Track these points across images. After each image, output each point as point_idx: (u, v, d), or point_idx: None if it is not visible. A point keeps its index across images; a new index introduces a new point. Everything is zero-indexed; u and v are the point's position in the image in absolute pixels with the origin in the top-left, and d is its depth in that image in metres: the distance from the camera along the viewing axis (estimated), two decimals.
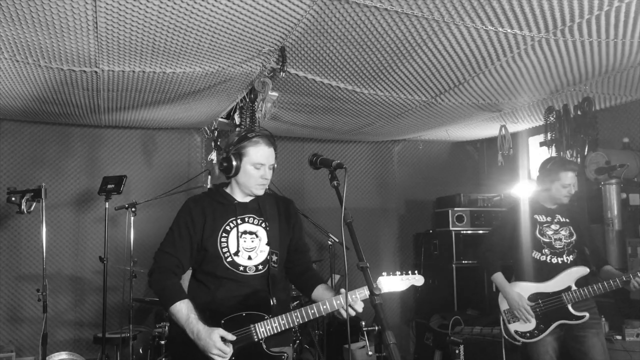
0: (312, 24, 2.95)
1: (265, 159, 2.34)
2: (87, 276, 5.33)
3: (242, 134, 2.38)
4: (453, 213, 5.65)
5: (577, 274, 3.31)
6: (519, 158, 5.61)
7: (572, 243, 3.40)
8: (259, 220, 2.42)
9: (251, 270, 2.34)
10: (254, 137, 2.34)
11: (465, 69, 3.61)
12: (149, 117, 5.07)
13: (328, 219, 5.79)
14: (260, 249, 2.38)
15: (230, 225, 2.38)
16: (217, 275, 2.33)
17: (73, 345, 5.16)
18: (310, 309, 2.27)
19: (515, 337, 3.36)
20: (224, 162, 2.35)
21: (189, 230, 2.35)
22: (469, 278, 5.53)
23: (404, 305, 6.36)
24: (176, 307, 2.23)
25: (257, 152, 2.32)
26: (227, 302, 2.30)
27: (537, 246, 3.39)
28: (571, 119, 4.28)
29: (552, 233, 3.39)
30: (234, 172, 2.34)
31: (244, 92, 4.25)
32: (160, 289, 2.31)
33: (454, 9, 2.72)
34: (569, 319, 3.27)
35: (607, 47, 3.24)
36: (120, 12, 2.71)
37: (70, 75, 3.67)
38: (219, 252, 2.33)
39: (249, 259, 2.36)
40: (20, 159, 5.21)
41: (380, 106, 4.56)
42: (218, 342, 2.15)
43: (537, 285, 3.36)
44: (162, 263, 2.34)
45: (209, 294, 2.33)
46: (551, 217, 3.45)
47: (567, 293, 3.27)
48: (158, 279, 2.32)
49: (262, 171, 2.34)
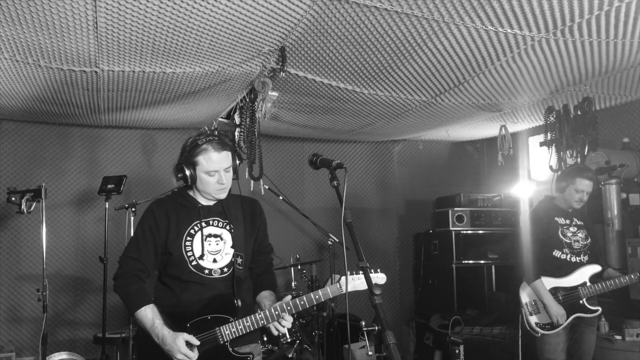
0: (312, 24, 2.95)
1: (218, 165, 2.28)
2: (87, 276, 5.33)
3: (189, 141, 2.33)
4: (453, 213, 5.65)
5: (591, 271, 3.58)
6: (519, 158, 5.61)
7: (587, 245, 3.66)
8: (223, 223, 2.41)
9: (216, 273, 2.34)
10: (202, 145, 2.27)
11: (465, 69, 3.61)
12: (149, 117, 5.07)
13: (328, 219, 5.80)
14: (225, 252, 2.37)
15: (195, 228, 2.36)
16: (182, 278, 2.33)
17: (73, 345, 5.16)
18: (269, 312, 2.27)
19: (536, 328, 3.54)
20: (177, 172, 2.32)
21: (152, 234, 2.34)
22: (469, 278, 5.53)
23: (404, 305, 6.36)
24: (141, 312, 2.24)
25: (206, 160, 2.27)
26: (193, 305, 2.30)
27: (559, 245, 3.61)
28: (571, 119, 4.28)
29: (571, 235, 3.64)
30: (190, 181, 2.31)
31: (244, 92, 4.24)
32: (125, 294, 2.30)
33: (454, 9, 2.72)
34: (585, 312, 3.53)
35: (607, 47, 3.24)
36: (120, 12, 2.71)
37: (70, 75, 3.67)
38: (184, 255, 2.32)
39: (214, 261, 2.35)
40: (20, 159, 5.21)
41: (380, 106, 4.56)
42: (182, 347, 2.17)
43: (556, 280, 3.57)
44: (127, 268, 2.33)
45: (174, 297, 2.33)
46: (570, 220, 3.69)
47: (583, 288, 3.53)
48: (122, 284, 2.31)
49: (217, 177, 2.30)
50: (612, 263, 4.10)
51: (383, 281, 2.39)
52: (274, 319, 2.27)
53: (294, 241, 5.95)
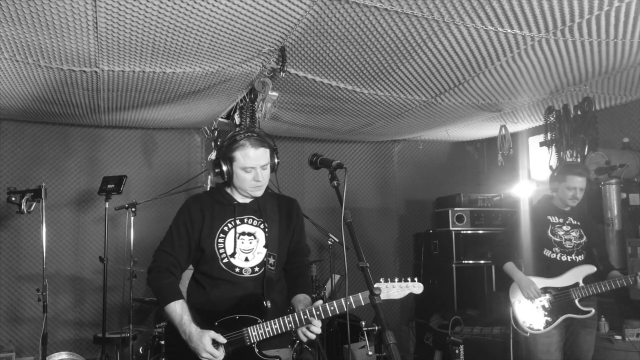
0: (312, 24, 2.95)
1: (255, 161, 2.27)
2: (87, 276, 5.33)
3: (228, 137, 2.32)
4: (453, 213, 5.65)
5: (585, 272, 3.48)
6: (519, 158, 5.61)
7: (581, 244, 3.57)
8: (258, 222, 2.38)
9: (247, 272, 2.32)
10: (240, 140, 2.27)
11: (465, 69, 3.61)
12: (149, 117, 5.07)
13: (328, 219, 5.80)
14: (257, 251, 2.34)
15: (229, 225, 2.34)
16: (213, 276, 2.31)
17: (73, 345, 5.16)
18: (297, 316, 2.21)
19: (524, 328, 3.48)
20: (215, 167, 2.33)
21: (187, 230, 2.33)
22: (469, 278, 5.53)
23: (404, 305, 6.36)
24: (170, 307, 2.23)
25: (244, 156, 2.26)
26: (222, 303, 2.28)
27: (548, 244, 3.55)
28: (571, 119, 4.28)
29: (563, 233, 3.57)
30: (227, 177, 2.31)
31: (244, 92, 4.24)
32: (157, 287, 2.30)
33: (454, 9, 2.72)
34: (577, 313, 3.44)
35: (607, 47, 3.24)
36: (120, 12, 2.71)
37: (70, 75, 3.67)
38: (216, 252, 2.31)
39: (245, 260, 2.32)
40: (20, 159, 5.21)
41: (380, 106, 4.56)
42: (208, 346, 2.14)
43: (546, 280, 3.51)
44: (160, 262, 2.33)
45: (204, 294, 2.33)
46: (563, 219, 3.61)
47: (575, 289, 3.45)
48: (155, 277, 2.32)
49: (253, 174, 2.28)
50: (612, 263, 4.08)
51: (420, 290, 2.32)
52: (302, 324, 2.21)
53: None
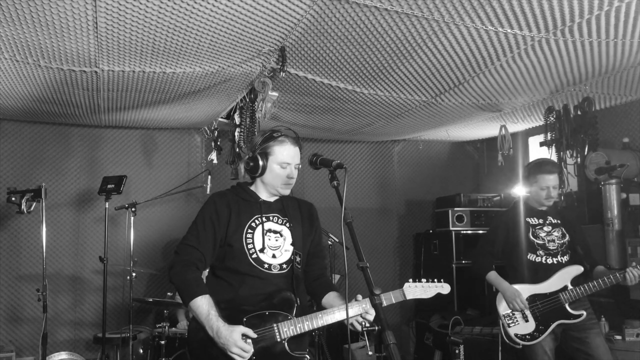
0: (312, 24, 2.95)
1: (291, 158, 2.34)
2: (87, 276, 5.33)
3: (267, 134, 2.38)
4: (453, 213, 5.65)
5: (572, 273, 3.34)
6: (519, 158, 5.61)
7: (565, 244, 3.43)
8: (283, 220, 2.41)
9: (275, 269, 2.32)
10: (279, 137, 2.34)
11: (465, 69, 3.61)
12: (149, 117, 5.07)
13: (328, 219, 5.77)
14: (284, 248, 2.36)
15: (256, 222, 2.36)
16: (241, 271, 2.30)
17: (73, 345, 5.16)
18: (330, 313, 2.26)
19: (516, 340, 3.33)
20: (250, 161, 2.35)
21: (213, 225, 2.32)
22: (469, 278, 5.52)
23: (404, 305, 6.35)
24: (197, 302, 2.18)
25: (283, 151, 2.32)
26: (250, 299, 2.26)
27: (531, 248, 3.41)
28: (571, 119, 4.27)
29: (545, 235, 3.42)
30: (261, 171, 2.33)
31: (244, 92, 4.24)
32: (182, 282, 2.25)
33: (454, 9, 2.72)
34: (568, 318, 3.29)
35: (607, 47, 3.24)
36: (120, 12, 2.71)
37: (70, 75, 3.67)
38: (244, 248, 2.30)
39: (273, 257, 2.33)
40: (20, 159, 5.21)
41: (380, 106, 4.56)
42: (239, 341, 2.12)
43: (533, 286, 3.36)
44: (185, 256, 2.29)
45: (231, 290, 2.29)
46: (543, 219, 3.47)
47: (564, 292, 3.30)
48: (180, 271, 2.26)
49: (288, 170, 2.34)
50: (612, 263, 4.06)
51: (448, 290, 2.46)
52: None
53: None
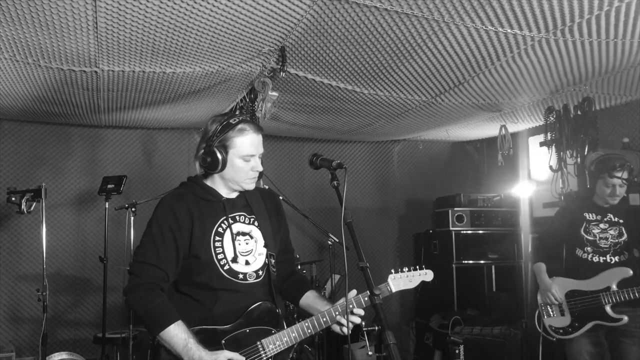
0: (312, 24, 2.95)
1: (255, 149, 2.02)
2: (87, 276, 5.33)
3: (223, 122, 2.02)
4: (453, 213, 5.65)
5: (619, 275, 3.19)
6: (519, 158, 5.61)
7: (620, 244, 3.27)
8: (250, 219, 2.11)
9: (251, 278, 2.04)
10: (239, 125, 1.99)
11: (465, 69, 3.61)
12: (149, 117, 5.07)
13: (328, 219, 5.79)
14: (257, 252, 2.08)
15: (222, 226, 2.04)
16: (213, 286, 1.98)
17: (73, 345, 5.16)
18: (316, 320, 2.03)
19: (550, 332, 3.33)
20: (207, 156, 2.00)
21: (174, 236, 1.97)
22: (469, 278, 5.53)
23: (404, 305, 6.36)
24: (170, 331, 1.86)
25: (245, 142, 1.99)
26: (227, 317, 1.98)
27: (580, 244, 3.31)
28: (571, 119, 4.27)
29: (598, 232, 3.29)
30: (221, 167, 2.00)
31: (244, 92, 4.25)
32: (147, 311, 1.90)
33: (454, 9, 2.72)
34: (605, 320, 3.18)
35: (607, 47, 3.24)
36: (120, 12, 2.71)
37: (70, 75, 3.67)
38: (214, 259, 1.99)
39: (246, 264, 2.04)
40: (20, 159, 5.21)
41: (380, 106, 4.56)
42: None
43: (575, 282, 3.29)
44: (146, 278, 1.93)
45: (202, 309, 1.98)
46: (601, 216, 3.33)
47: (606, 293, 3.17)
48: (142, 296, 1.91)
49: (252, 163, 2.03)
50: None
51: (431, 277, 2.27)
52: (334, 321, 2.03)
53: (293, 241, 5.83)
